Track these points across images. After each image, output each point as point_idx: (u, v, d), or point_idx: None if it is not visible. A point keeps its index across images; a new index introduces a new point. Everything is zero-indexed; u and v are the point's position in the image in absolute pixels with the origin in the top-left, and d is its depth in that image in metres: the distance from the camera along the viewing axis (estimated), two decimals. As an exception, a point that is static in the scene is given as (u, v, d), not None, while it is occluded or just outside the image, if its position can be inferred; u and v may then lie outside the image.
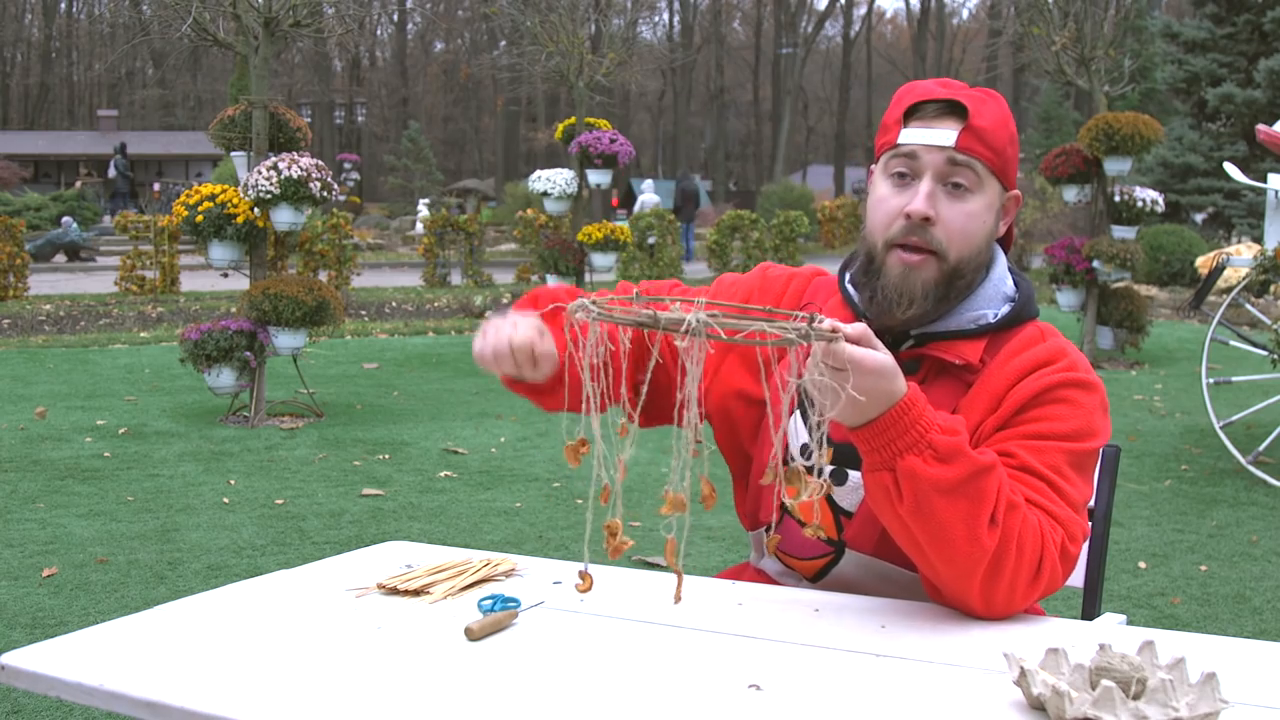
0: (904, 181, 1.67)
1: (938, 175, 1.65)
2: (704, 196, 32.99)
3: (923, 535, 1.48)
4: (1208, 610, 3.98)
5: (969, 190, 1.66)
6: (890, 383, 1.44)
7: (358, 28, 25.62)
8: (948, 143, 1.64)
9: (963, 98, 1.67)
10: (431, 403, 7.90)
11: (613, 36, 13.33)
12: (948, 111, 1.66)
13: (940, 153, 1.64)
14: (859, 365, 1.40)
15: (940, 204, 1.64)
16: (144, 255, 15.42)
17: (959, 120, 1.65)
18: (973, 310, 1.70)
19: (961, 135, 1.64)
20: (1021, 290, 1.74)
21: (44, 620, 3.75)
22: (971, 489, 1.46)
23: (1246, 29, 20.12)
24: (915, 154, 1.65)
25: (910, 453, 1.45)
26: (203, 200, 7.01)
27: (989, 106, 1.68)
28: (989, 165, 1.66)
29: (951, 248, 1.65)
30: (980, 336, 1.69)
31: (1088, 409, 1.63)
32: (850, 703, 1.25)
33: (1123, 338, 9.84)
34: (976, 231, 1.67)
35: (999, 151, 1.67)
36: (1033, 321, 1.73)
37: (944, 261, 1.65)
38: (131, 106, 51.07)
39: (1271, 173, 6.45)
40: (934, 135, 1.65)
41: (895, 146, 1.67)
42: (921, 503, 1.46)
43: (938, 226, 1.64)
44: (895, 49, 57.66)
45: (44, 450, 6.24)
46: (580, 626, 1.50)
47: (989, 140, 1.66)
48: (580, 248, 11.08)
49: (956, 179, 1.65)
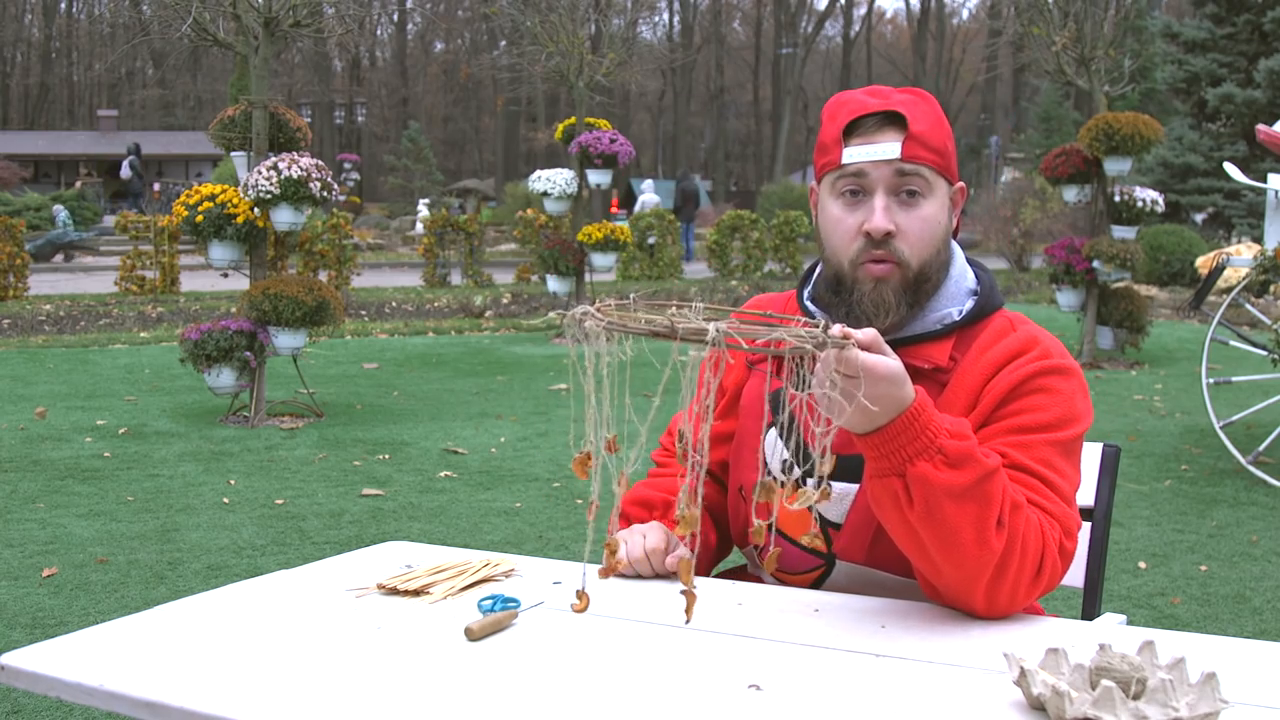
0: (855, 199, 1.67)
1: (889, 188, 1.65)
2: (704, 196, 32.99)
3: (931, 540, 1.47)
4: (1208, 610, 3.98)
5: (921, 196, 1.66)
6: (900, 389, 1.43)
7: (358, 28, 25.62)
8: (893, 155, 1.64)
9: (897, 106, 1.67)
10: (431, 403, 7.90)
11: (613, 36, 13.33)
12: (886, 123, 1.66)
13: (888, 166, 1.65)
14: (871, 372, 1.39)
15: (897, 215, 1.65)
16: (144, 255, 15.43)
17: (899, 130, 1.65)
18: (937, 310, 1.70)
19: (905, 145, 1.64)
20: (983, 282, 1.75)
21: (44, 620, 3.75)
22: (980, 492, 1.46)
23: (1246, 29, 20.12)
24: (863, 171, 1.65)
25: (921, 458, 1.44)
26: (203, 200, 7.02)
27: (923, 109, 1.68)
28: (935, 167, 1.67)
29: (914, 256, 1.66)
30: (947, 336, 1.69)
31: (1067, 394, 1.63)
32: (850, 703, 1.25)
33: (1123, 338, 9.84)
34: (934, 234, 1.68)
35: (941, 152, 1.68)
36: (999, 312, 1.73)
37: (908, 269, 1.66)
38: (131, 106, 51.08)
39: (1271, 173, 6.45)
40: (878, 150, 1.65)
41: (840, 166, 1.67)
42: (933, 508, 1.45)
43: (898, 238, 1.65)
44: (895, 49, 57.67)
45: (44, 450, 6.24)
46: (580, 626, 1.50)
47: (930, 143, 1.66)
48: (580, 248, 11.08)
49: (908, 187, 1.66)
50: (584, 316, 1.31)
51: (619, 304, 1.35)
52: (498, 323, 12.76)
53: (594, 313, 1.31)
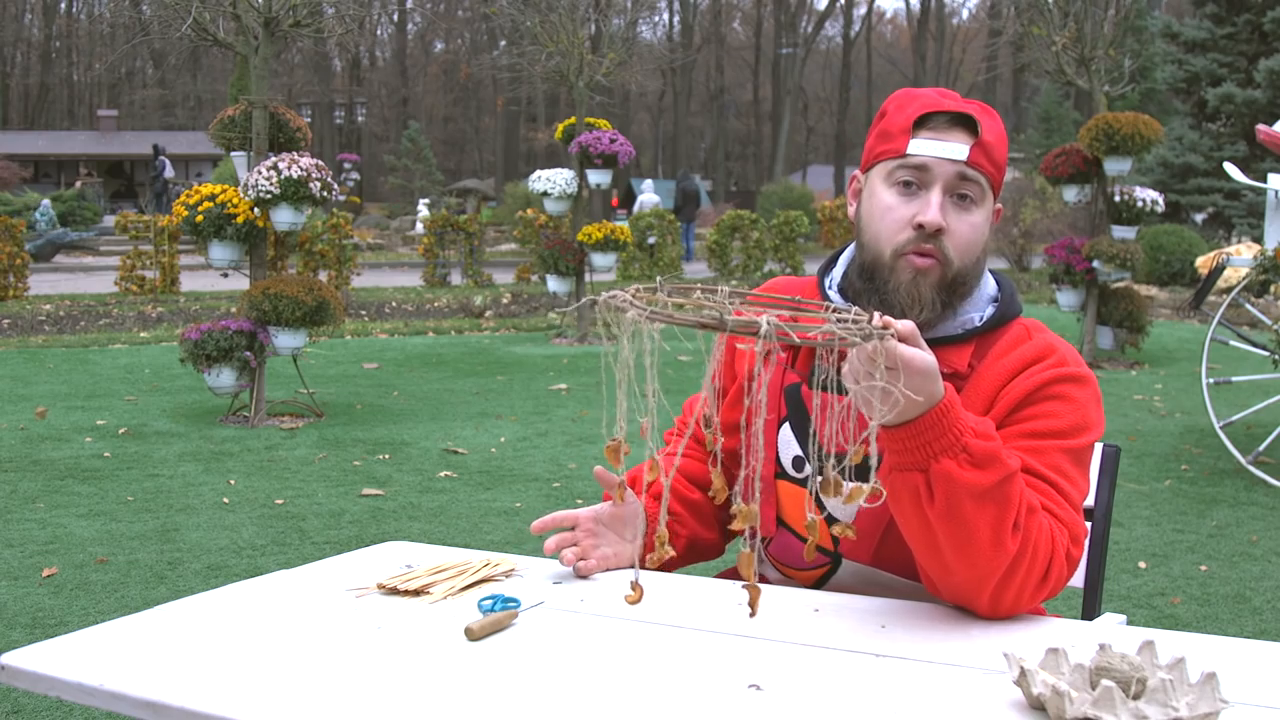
0: (910, 191, 1.67)
1: (947, 187, 1.65)
2: (704, 197, 32.99)
3: (947, 538, 1.47)
4: (1208, 610, 3.98)
5: (974, 203, 1.67)
6: (933, 384, 1.42)
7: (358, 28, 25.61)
8: (961, 156, 1.65)
9: (970, 110, 1.68)
10: (431, 403, 7.90)
11: (613, 36, 13.33)
12: (957, 124, 1.67)
13: (952, 166, 1.65)
14: (908, 365, 1.38)
15: (949, 215, 1.65)
16: (144, 255, 15.43)
17: (969, 134, 1.66)
18: (961, 315, 1.70)
19: (973, 150, 1.65)
20: (1004, 289, 1.75)
21: (44, 620, 3.75)
22: (1000, 494, 1.46)
23: (1246, 29, 20.12)
24: (927, 165, 1.65)
25: (946, 456, 1.44)
26: (203, 200, 7.01)
27: (992, 122, 1.69)
28: (991, 179, 1.68)
29: (957, 258, 1.66)
30: (967, 341, 1.69)
31: (1082, 403, 1.64)
32: (850, 703, 1.25)
33: (1123, 338, 9.83)
34: (978, 243, 1.68)
35: (1000, 167, 1.70)
36: (1018, 319, 1.73)
37: (948, 269, 1.66)
38: (131, 106, 51.08)
39: (1271, 173, 6.45)
40: (947, 148, 1.65)
41: (903, 156, 1.67)
42: (953, 506, 1.45)
43: (947, 237, 1.65)
44: (895, 49, 57.67)
45: (44, 450, 6.24)
46: (580, 626, 1.50)
47: (994, 156, 1.68)
48: (580, 248, 11.08)
49: (964, 191, 1.66)
50: (625, 306, 1.23)
51: (648, 289, 1.28)
52: (498, 323, 12.76)
53: (633, 300, 1.24)
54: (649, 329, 1.22)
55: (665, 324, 1.22)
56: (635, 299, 1.24)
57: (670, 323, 1.22)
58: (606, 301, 1.24)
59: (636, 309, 1.22)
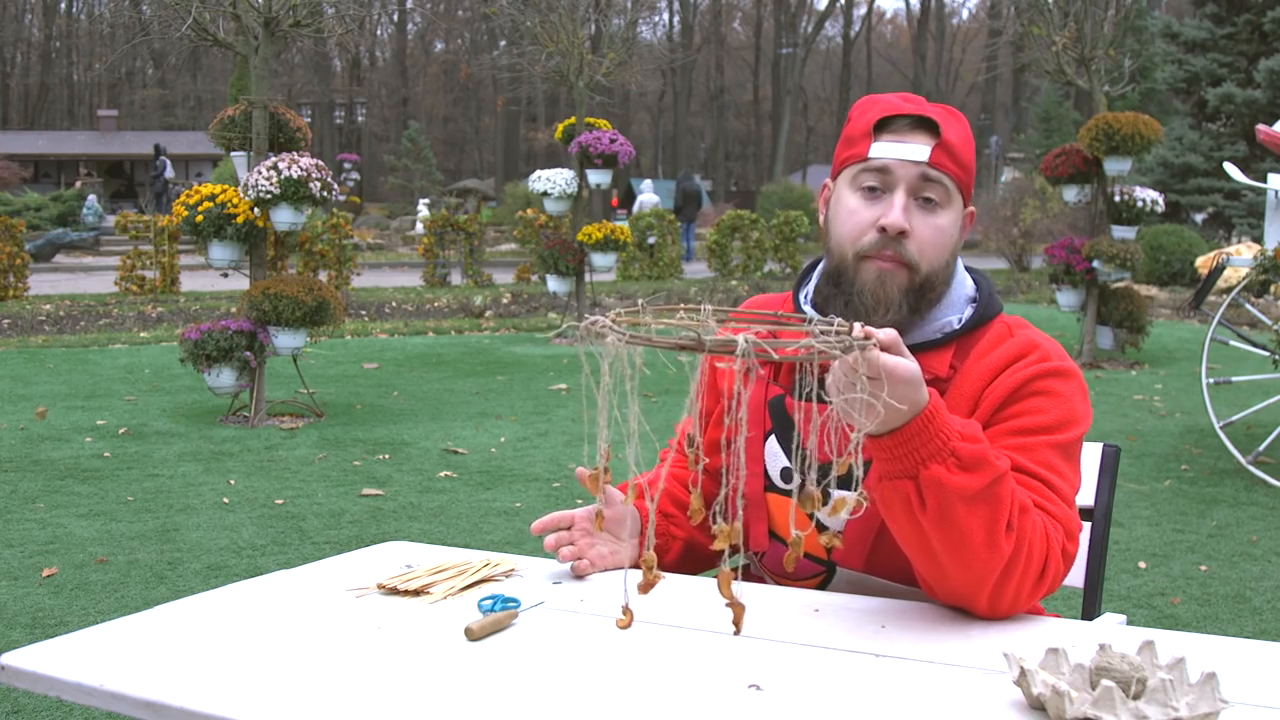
0: (875, 195, 1.66)
1: (910, 189, 1.65)
2: (704, 197, 32.98)
3: (941, 543, 1.47)
4: (1208, 610, 3.98)
5: (939, 205, 1.66)
6: (917, 391, 1.41)
7: (358, 28, 25.61)
8: (921, 158, 1.64)
9: (931, 113, 1.67)
10: (431, 403, 7.90)
11: (613, 36, 13.33)
12: (919, 126, 1.66)
13: (914, 167, 1.64)
14: (892, 373, 1.37)
15: (913, 218, 1.65)
16: (144, 255, 15.43)
17: (931, 136, 1.66)
18: (938, 320, 1.70)
19: (935, 151, 1.65)
20: (982, 289, 1.75)
21: (44, 620, 3.75)
22: (991, 495, 1.45)
23: (1246, 29, 20.12)
24: (888, 168, 1.65)
25: (934, 461, 1.43)
26: (203, 200, 7.02)
27: (955, 124, 1.69)
28: (957, 181, 1.67)
29: (923, 261, 1.65)
30: (946, 345, 1.69)
31: (1067, 397, 1.63)
32: (850, 703, 1.25)
33: (1123, 338, 9.84)
34: (945, 245, 1.67)
35: (965, 168, 1.69)
36: (999, 317, 1.73)
37: (915, 274, 1.65)
38: (131, 106, 51.09)
39: (1271, 173, 6.45)
40: (908, 150, 1.65)
41: (866, 160, 1.67)
42: (945, 511, 1.44)
43: (910, 240, 1.65)
44: (895, 49, 57.68)
45: (44, 450, 6.24)
46: (580, 626, 1.50)
47: (958, 156, 1.67)
48: (580, 248, 11.08)
49: (928, 194, 1.66)
50: (604, 330, 1.23)
51: (629, 311, 1.29)
52: (498, 323, 12.76)
53: (612, 325, 1.24)
54: (628, 353, 1.22)
55: (645, 346, 1.22)
56: (615, 323, 1.24)
57: (649, 345, 1.22)
58: (587, 328, 1.24)
59: (615, 334, 1.22)
